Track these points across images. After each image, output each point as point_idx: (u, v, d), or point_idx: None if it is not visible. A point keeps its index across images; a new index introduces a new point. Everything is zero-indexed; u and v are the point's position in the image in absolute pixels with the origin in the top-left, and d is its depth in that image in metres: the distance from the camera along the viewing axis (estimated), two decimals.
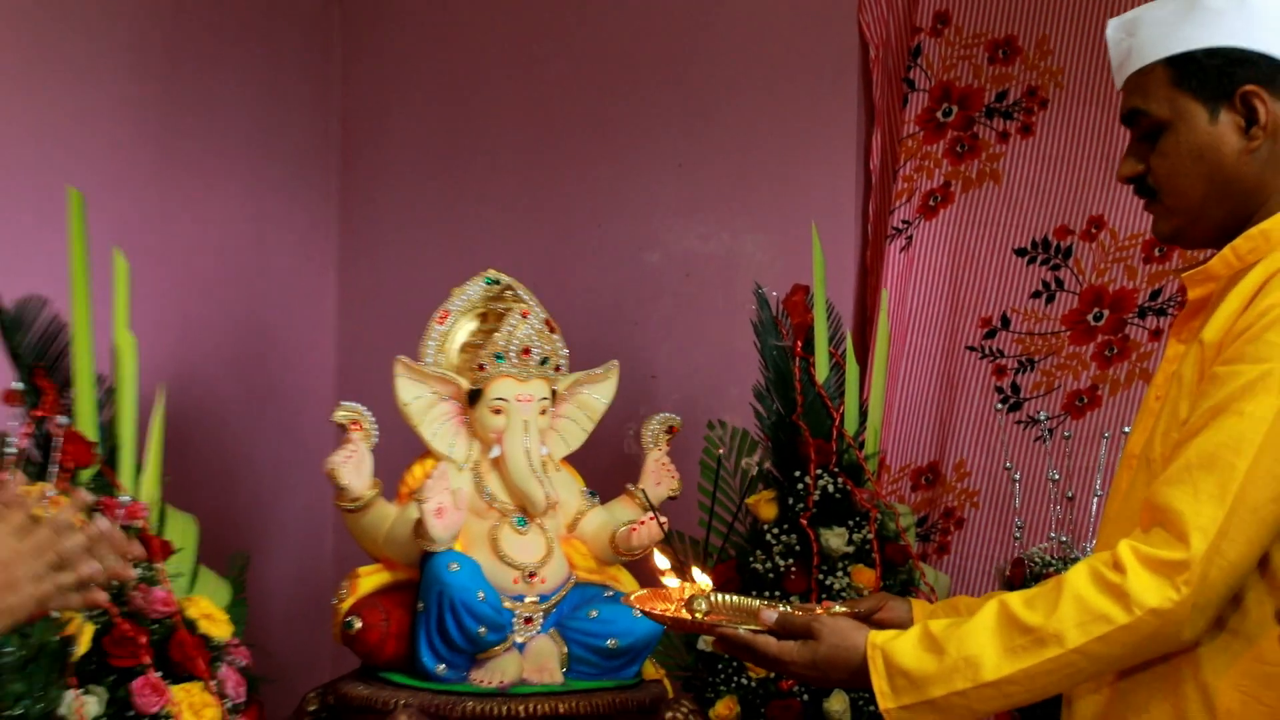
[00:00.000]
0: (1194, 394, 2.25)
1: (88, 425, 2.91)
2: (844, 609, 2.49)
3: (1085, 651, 2.17)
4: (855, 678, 2.28)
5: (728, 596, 2.52)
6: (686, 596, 2.46)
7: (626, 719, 2.93)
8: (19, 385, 2.91)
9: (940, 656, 2.23)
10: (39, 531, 2.02)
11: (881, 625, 2.37)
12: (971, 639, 2.22)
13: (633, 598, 2.63)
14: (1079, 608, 2.17)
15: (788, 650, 2.33)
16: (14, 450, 2.82)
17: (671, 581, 2.50)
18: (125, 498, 2.91)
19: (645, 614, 2.55)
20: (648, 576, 3.11)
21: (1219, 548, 2.12)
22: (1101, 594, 2.16)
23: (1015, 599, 2.20)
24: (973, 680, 2.21)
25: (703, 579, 2.49)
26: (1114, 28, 2.37)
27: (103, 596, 2.07)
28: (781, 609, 2.40)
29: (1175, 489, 2.15)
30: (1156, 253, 3.40)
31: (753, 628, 2.38)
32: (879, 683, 2.24)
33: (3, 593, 1.97)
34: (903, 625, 2.34)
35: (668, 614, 2.44)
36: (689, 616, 2.43)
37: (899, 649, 2.26)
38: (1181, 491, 2.15)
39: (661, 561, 2.53)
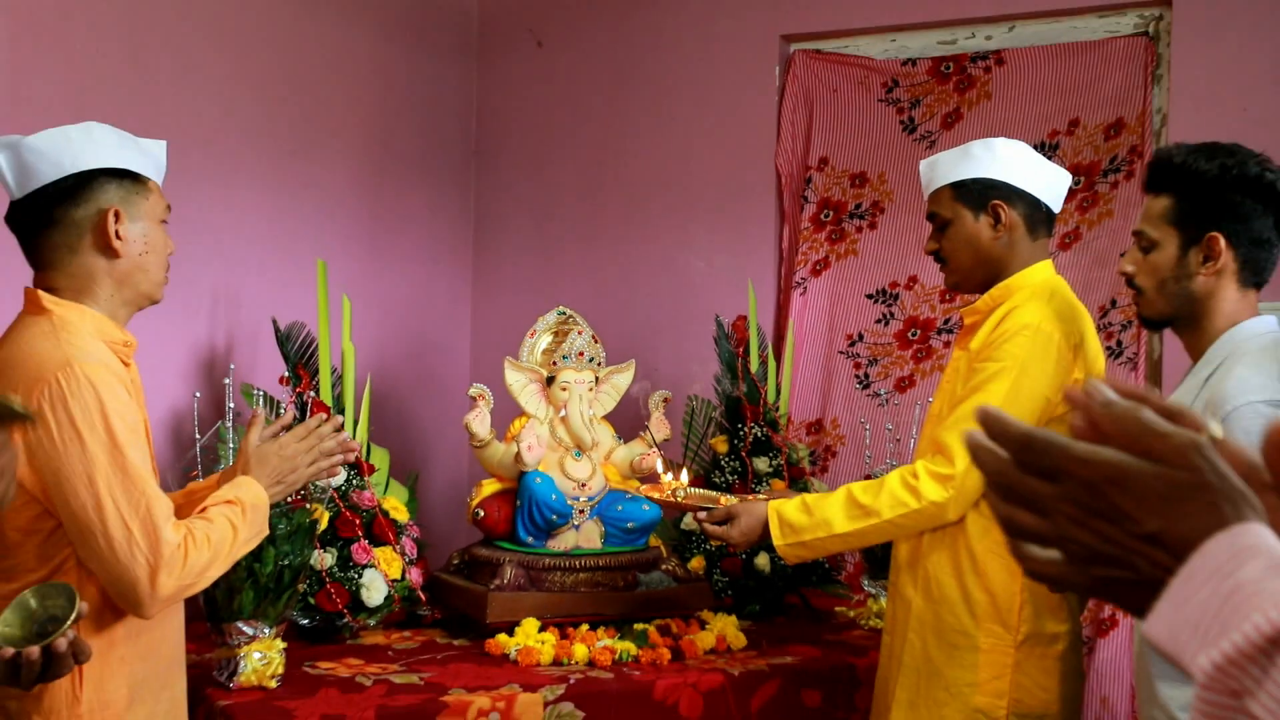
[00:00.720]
0: (965, 380, 2.31)
1: (326, 396, 2.94)
2: (762, 495, 2.58)
3: (893, 522, 2.26)
4: (764, 530, 2.37)
5: (697, 489, 2.60)
6: (672, 488, 2.55)
7: (638, 569, 2.93)
8: (288, 374, 2.96)
9: (810, 516, 2.32)
10: (311, 436, 2.07)
11: None
12: (828, 508, 2.31)
13: (640, 487, 2.71)
14: (890, 496, 2.26)
15: (724, 532, 2.43)
16: (286, 407, 2.86)
17: (666, 477, 2.59)
18: (348, 436, 2.95)
19: (646, 497, 2.65)
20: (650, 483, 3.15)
21: (970, 467, 2.20)
22: (904, 489, 2.25)
23: (856, 487, 2.31)
24: (827, 532, 2.30)
25: (684, 477, 2.57)
26: (923, 165, 2.45)
27: (340, 472, 2.14)
28: (727, 498, 2.49)
29: (948, 432, 2.24)
30: (947, 298, 3.45)
31: (708, 510, 2.47)
32: (774, 529, 2.36)
33: (288, 474, 2.03)
34: None
35: (659, 498, 2.56)
36: (673, 500, 2.53)
37: (786, 509, 2.35)
38: (951, 434, 2.24)
39: (660, 466, 2.61)
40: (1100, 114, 3.24)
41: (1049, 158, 3.04)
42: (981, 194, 2.33)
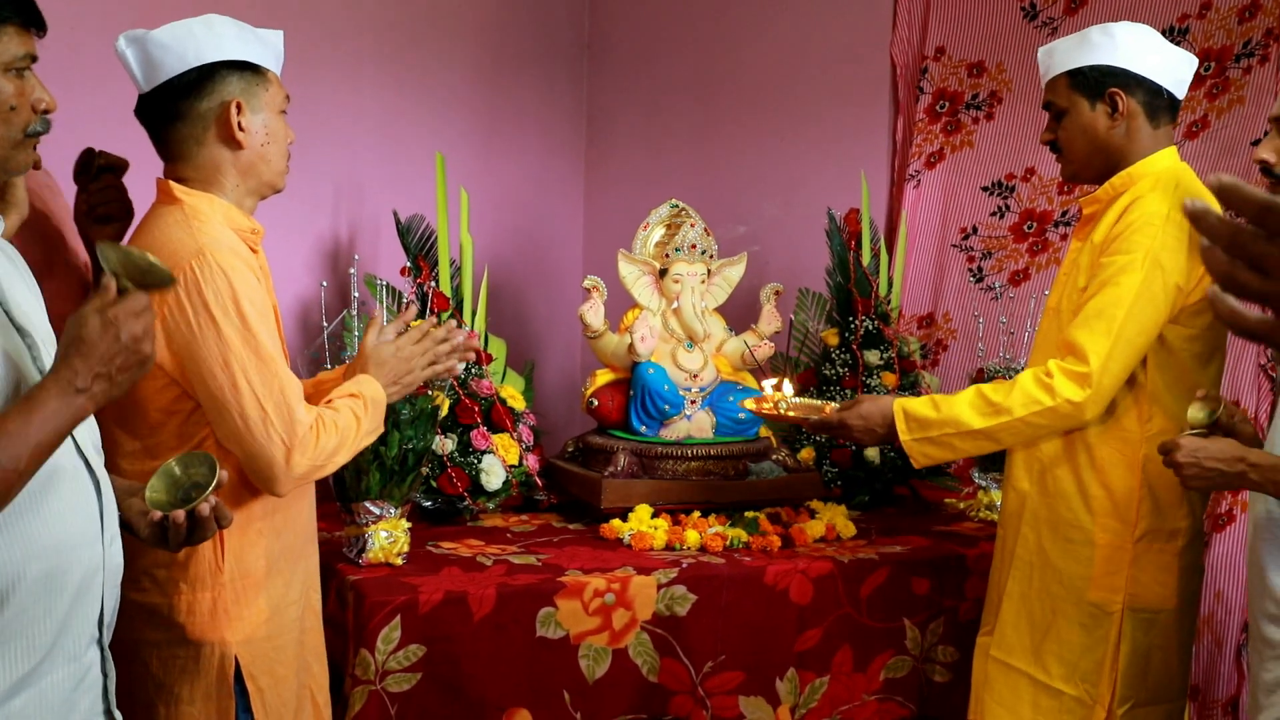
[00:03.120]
0: (1088, 274, 2.24)
1: (446, 287, 2.97)
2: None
3: (1026, 420, 2.19)
4: (885, 424, 2.31)
5: (801, 399, 2.56)
6: (775, 400, 2.51)
7: (748, 459, 2.92)
8: (409, 265, 2.99)
9: (938, 411, 2.26)
10: (426, 339, 2.08)
11: None
12: (957, 405, 2.24)
13: (746, 402, 2.68)
14: (1023, 394, 2.19)
15: (843, 417, 2.37)
16: (408, 300, 2.89)
17: (768, 389, 2.55)
18: (466, 328, 2.97)
19: (751, 412, 2.60)
20: (763, 377, 3.14)
21: (1106, 366, 2.14)
22: (1038, 388, 2.18)
23: (986, 387, 2.24)
24: (956, 429, 2.24)
25: (788, 388, 2.54)
26: (1040, 53, 2.35)
27: (458, 371, 2.13)
28: (831, 406, 2.45)
29: (1080, 331, 2.17)
30: (1065, 189, 3.32)
31: (817, 417, 2.42)
32: (899, 424, 2.28)
33: (404, 375, 2.04)
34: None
35: (762, 411, 2.51)
36: (775, 412, 2.48)
37: (913, 405, 2.29)
38: (1084, 332, 2.16)
39: (766, 386, 2.57)
40: None
41: (1177, 43, 2.89)
42: (1098, 82, 2.22)
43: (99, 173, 2.12)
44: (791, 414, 2.49)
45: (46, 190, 2.18)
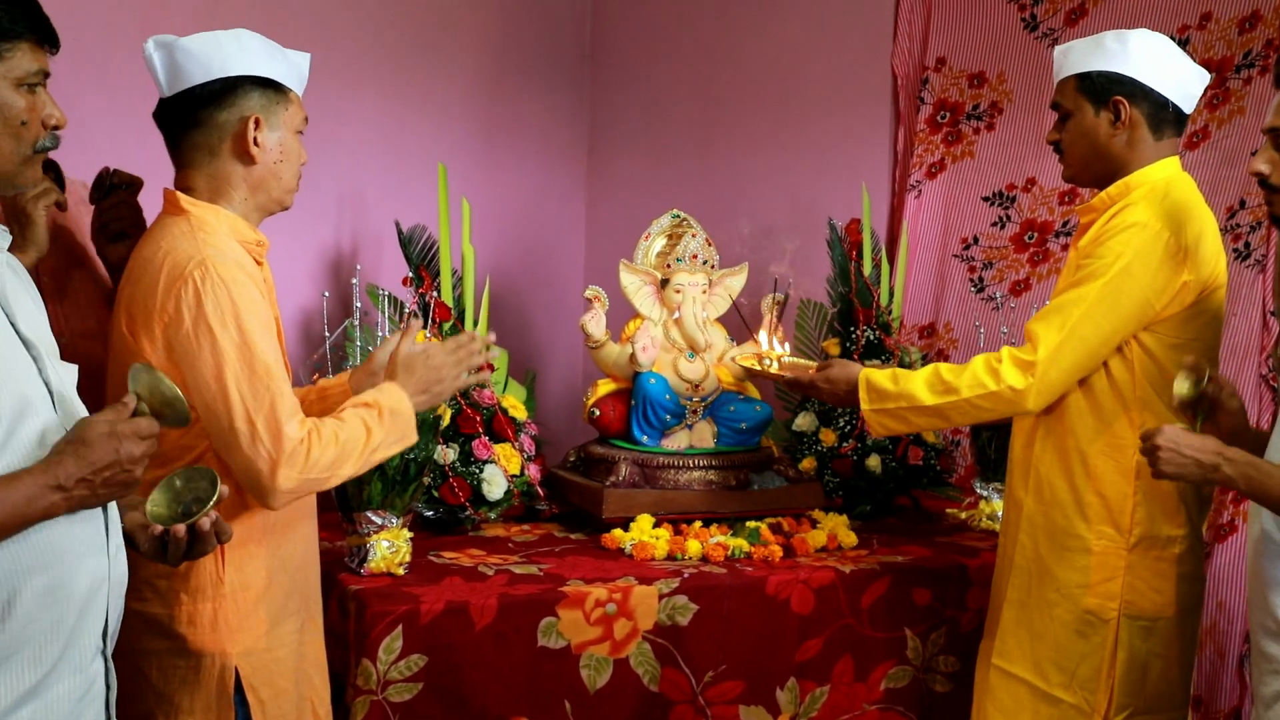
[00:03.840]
0: (1069, 276, 2.28)
1: (447, 297, 2.97)
2: None
3: (971, 401, 2.23)
4: (849, 390, 2.36)
5: (791, 358, 2.62)
6: (766, 355, 2.56)
7: (750, 469, 2.93)
8: (411, 275, 2.99)
9: (896, 385, 2.29)
10: (460, 350, 2.08)
11: None
12: (914, 381, 2.29)
13: (735, 355, 2.73)
14: (972, 376, 2.22)
15: (814, 375, 2.43)
16: (410, 310, 2.89)
17: (764, 344, 2.60)
18: (493, 342, 2.97)
19: (741, 365, 2.66)
20: (766, 388, 3.14)
21: (1054, 358, 2.16)
22: (986, 372, 2.22)
23: (944, 366, 2.31)
24: (909, 403, 2.27)
25: (780, 348, 2.58)
26: (1056, 51, 2.38)
27: (483, 379, 2.13)
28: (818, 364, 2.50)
29: (1037, 322, 2.22)
30: (1066, 199, 3.33)
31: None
32: (861, 393, 2.35)
33: (434, 384, 2.04)
34: None
35: (752, 366, 2.59)
36: (764, 368, 2.54)
37: (875, 376, 2.32)
38: (1040, 324, 2.21)
39: (762, 337, 2.62)
40: (1235, 6, 3.05)
41: None
42: (1104, 88, 2.22)
43: (110, 190, 2.15)
44: (775, 370, 2.54)
45: (81, 204, 2.20)
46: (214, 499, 1.53)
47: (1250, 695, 2.75)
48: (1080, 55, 2.26)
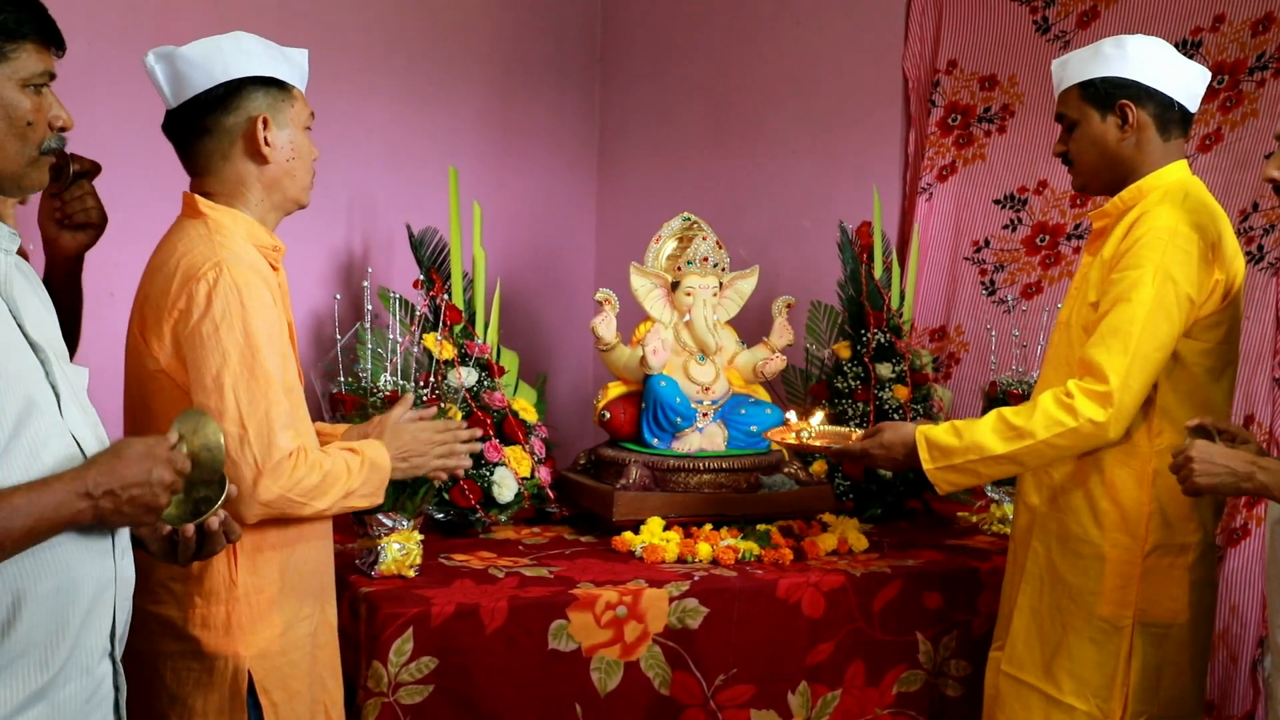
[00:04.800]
0: (1099, 289, 2.24)
1: (458, 300, 2.98)
2: None
3: (1049, 442, 2.18)
4: (907, 453, 2.29)
5: (826, 427, 2.58)
6: (798, 429, 2.53)
7: (761, 472, 2.92)
8: (422, 278, 3.00)
9: (960, 438, 2.25)
10: (447, 433, 2.08)
11: None
12: (979, 431, 2.23)
13: (770, 433, 2.70)
14: (1045, 416, 2.18)
15: (866, 444, 2.37)
16: (420, 314, 2.89)
17: (792, 418, 2.57)
18: (479, 341, 2.98)
19: (775, 442, 2.62)
20: (776, 391, 3.14)
21: (1126, 383, 2.12)
22: (1059, 409, 2.17)
23: (1007, 411, 2.23)
24: (979, 455, 2.22)
25: (815, 420, 2.55)
26: (1054, 64, 2.35)
27: (463, 469, 2.15)
28: (857, 434, 2.46)
29: (1097, 349, 2.16)
30: (1077, 202, 3.32)
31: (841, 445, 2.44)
32: (922, 453, 2.27)
33: (415, 455, 2.05)
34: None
35: (786, 441, 2.54)
36: (799, 441, 2.51)
37: (934, 433, 2.27)
38: (1101, 351, 2.15)
39: (790, 416, 2.59)
40: (1248, 8, 3.04)
41: (1190, 56, 2.88)
42: (1109, 94, 2.22)
43: (76, 178, 2.01)
44: (815, 443, 2.51)
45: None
46: (222, 498, 1.54)
47: (1264, 699, 2.74)
48: (1080, 64, 2.25)
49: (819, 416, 2.59)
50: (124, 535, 1.55)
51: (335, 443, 1.98)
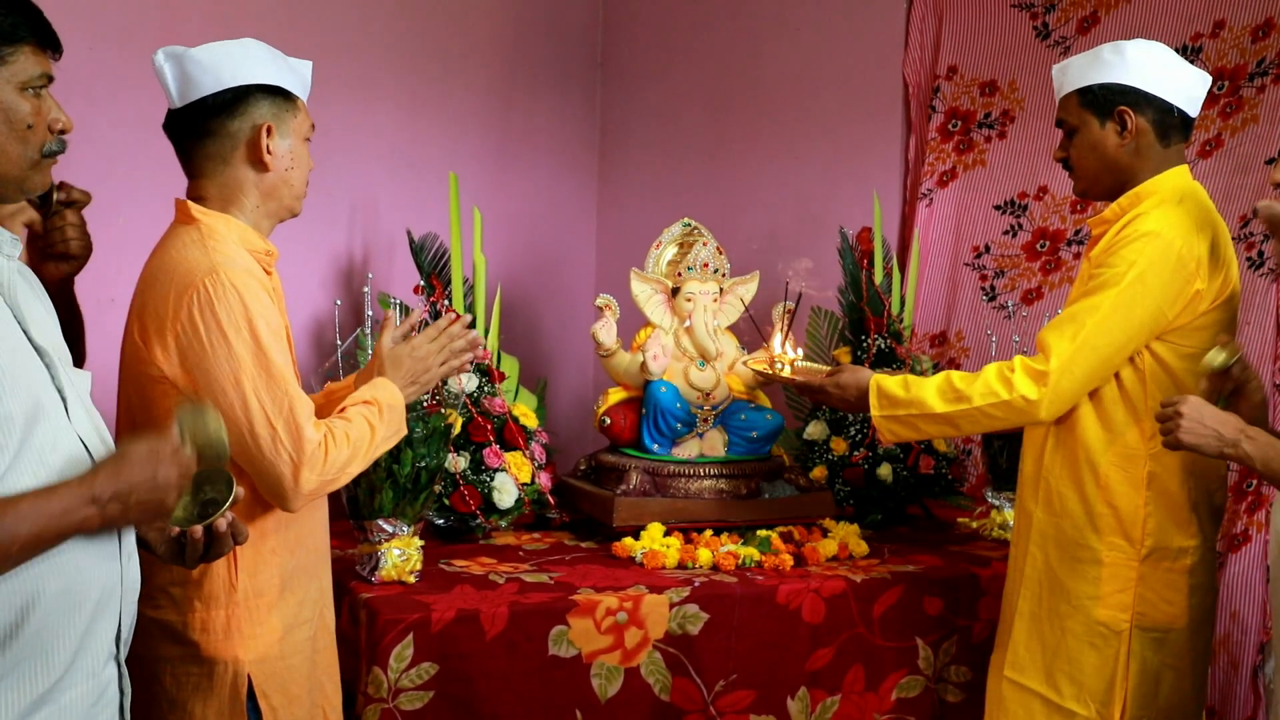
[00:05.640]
0: (1082, 285, 2.27)
1: (459, 306, 2.98)
2: None
3: (983, 409, 2.24)
4: (859, 396, 2.37)
5: (803, 363, 2.62)
6: (778, 358, 2.56)
7: (761, 478, 2.93)
8: (423, 284, 3.00)
9: (907, 392, 2.30)
10: (441, 336, 2.11)
11: None
12: (926, 388, 2.29)
13: (747, 360, 2.73)
14: (985, 385, 2.23)
15: (824, 380, 2.44)
16: (426, 319, 2.89)
17: (776, 349, 2.60)
18: (474, 330, 2.97)
19: (753, 371, 2.66)
20: (777, 397, 3.14)
21: (1066, 368, 2.16)
22: (999, 380, 2.22)
23: (955, 374, 2.32)
24: (920, 410, 2.28)
25: (793, 352, 2.58)
26: (1055, 70, 2.37)
27: (468, 368, 2.21)
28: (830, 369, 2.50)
29: (1050, 331, 2.22)
30: (1078, 207, 3.32)
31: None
32: (872, 398, 2.36)
33: (421, 374, 2.08)
34: None
35: (763, 369, 2.60)
36: (775, 372, 2.55)
37: (887, 382, 2.33)
38: (1053, 333, 2.21)
39: (775, 341, 2.62)
40: (1247, 14, 3.05)
41: (1190, 62, 2.88)
42: (1108, 100, 2.23)
43: (58, 208, 1.95)
44: (786, 374, 2.54)
45: None
46: (230, 499, 1.55)
47: (1264, 706, 2.74)
48: (1079, 70, 2.26)
49: (800, 352, 2.64)
50: (130, 539, 1.56)
51: (350, 398, 2.00)
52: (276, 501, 1.87)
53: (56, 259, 1.93)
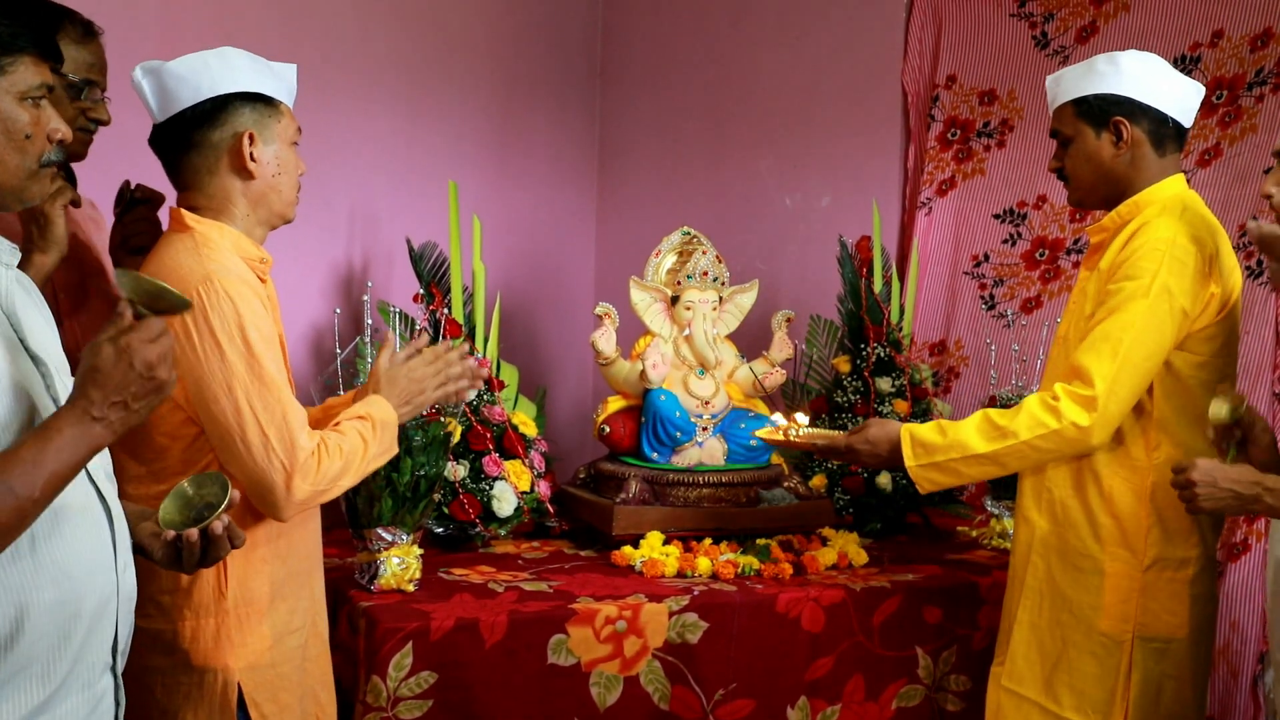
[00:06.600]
0: (1095, 302, 2.24)
1: (458, 314, 2.97)
2: None
3: (1031, 444, 2.18)
4: (891, 449, 2.30)
5: (813, 429, 2.59)
6: (786, 428, 2.53)
7: (760, 486, 2.92)
8: (422, 292, 3.00)
9: (944, 437, 2.25)
10: (438, 361, 2.10)
11: None
12: (964, 430, 2.24)
13: (759, 431, 2.70)
14: (1029, 418, 2.18)
15: (851, 439, 2.38)
16: (420, 328, 2.90)
17: (779, 420, 2.57)
18: (479, 356, 2.98)
19: (764, 440, 2.63)
20: (775, 404, 3.13)
21: (1113, 390, 2.12)
22: (1044, 411, 2.17)
23: (993, 412, 2.24)
24: (961, 453, 2.23)
25: (802, 418, 2.56)
26: (1049, 80, 2.37)
27: (468, 395, 2.16)
28: (842, 433, 2.46)
29: (1086, 355, 2.16)
30: (1076, 216, 3.32)
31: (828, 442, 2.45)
32: (905, 449, 2.28)
33: (415, 395, 2.07)
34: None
35: (774, 439, 2.54)
36: (787, 439, 2.51)
37: (920, 430, 2.28)
38: (1090, 356, 2.15)
39: (776, 417, 2.60)
40: (1247, 24, 3.05)
41: (1189, 72, 2.89)
42: (1103, 110, 2.23)
43: (132, 204, 2.16)
44: (800, 440, 2.51)
45: (90, 223, 2.23)
46: (225, 503, 1.54)
47: (1265, 715, 2.73)
48: (1074, 81, 2.26)
49: (804, 418, 2.61)
50: (126, 550, 1.55)
51: (344, 413, 1.99)
52: (268, 510, 1.86)
53: (133, 252, 2.11)
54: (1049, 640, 2.26)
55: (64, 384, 1.51)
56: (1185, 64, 3.12)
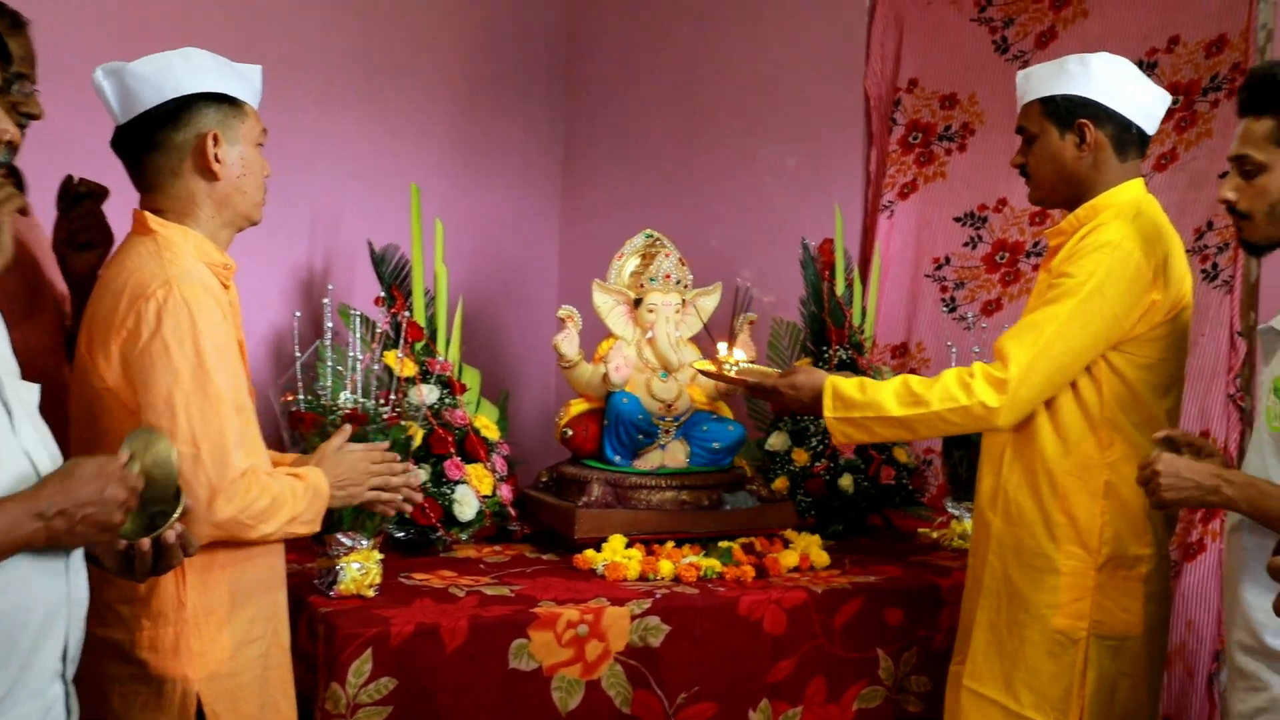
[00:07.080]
0: (1037, 296, 2.28)
1: (420, 317, 2.96)
2: None
3: (940, 414, 2.23)
4: (813, 397, 2.33)
5: (751, 364, 2.60)
6: (726, 361, 2.54)
7: (723, 489, 2.92)
8: (383, 295, 2.98)
9: (863, 394, 2.28)
10: (382, 465, 2.07)
11: None
12: (882, 391, 2.28)
13: (695, 364, 2.71)
14: (943, 390, 2.22)
15: (779, 381, 2.41)
16: (382, 331, 2.87)
17: (722, 350, 2.58)
18: (440, 358, 2.96)
19: (700, 372, 2.64)
20: (738, 407, 3.14)
21: (1025, 376, 2.16)
22: (958, 386, 2.21)
23: (913, 378, 2.30)
24: (876, 413, 2.26)
25: (740, 354, 2.57)
26: (1019, 76, 2.39)
27: (397, 508, 2.13)
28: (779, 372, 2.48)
29: (1009, 339, 2.22)
30: (1037, 219, 3.35)
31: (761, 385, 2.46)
32: (826, 400, 2.32)
33: (351, 484, 2.04)
34: None
35: (712, 370, 2.56)
36: (724, 374, 2.52)
37: (842, 384, 2.31)
38: (1012, 341, 2.21)
39: (720, 347, 2.60)
40: (1201, 30, 3.08)
41: (1146, 77, 2.91)
42: (1069, 112, 2.25)
43: (78, 199, 2.13)
44: (734, 374, 2.52)
45: (21, 222, 2.17)
46: (178, 511, 1.52)
47: (1220, 714, 2.76)
48: (1043, 79, 2.28)
49: (743, 354, 2.61)
50: (77, 555, 1.53)
51: (280, 468, 1.97)
52: (186, 525, 1.82)
53: (81, 248, 2.11)
54: (1008, 639, 2.27)
55: (14, 389, 1.50)
56: (1142, 69, 3.13)
